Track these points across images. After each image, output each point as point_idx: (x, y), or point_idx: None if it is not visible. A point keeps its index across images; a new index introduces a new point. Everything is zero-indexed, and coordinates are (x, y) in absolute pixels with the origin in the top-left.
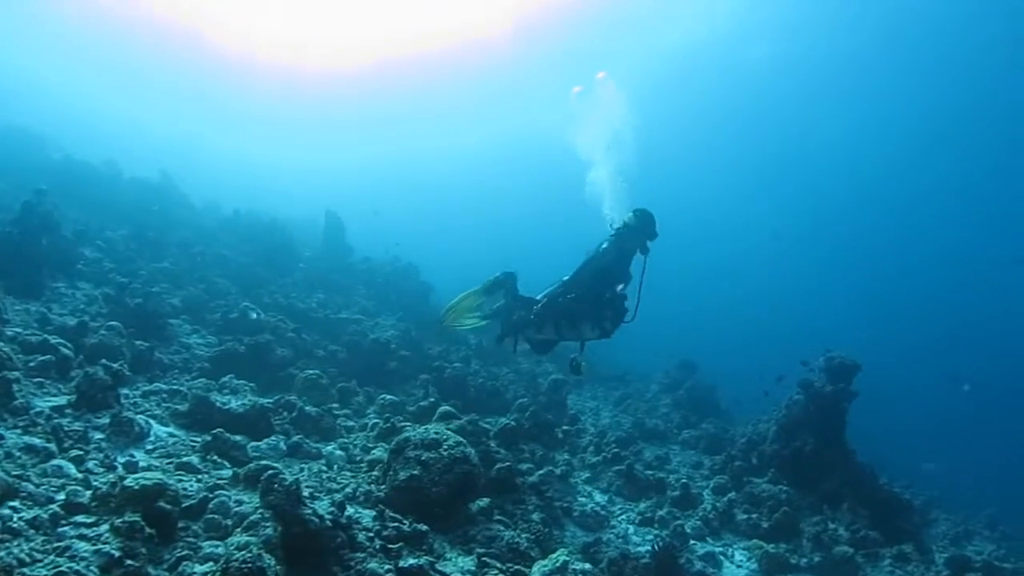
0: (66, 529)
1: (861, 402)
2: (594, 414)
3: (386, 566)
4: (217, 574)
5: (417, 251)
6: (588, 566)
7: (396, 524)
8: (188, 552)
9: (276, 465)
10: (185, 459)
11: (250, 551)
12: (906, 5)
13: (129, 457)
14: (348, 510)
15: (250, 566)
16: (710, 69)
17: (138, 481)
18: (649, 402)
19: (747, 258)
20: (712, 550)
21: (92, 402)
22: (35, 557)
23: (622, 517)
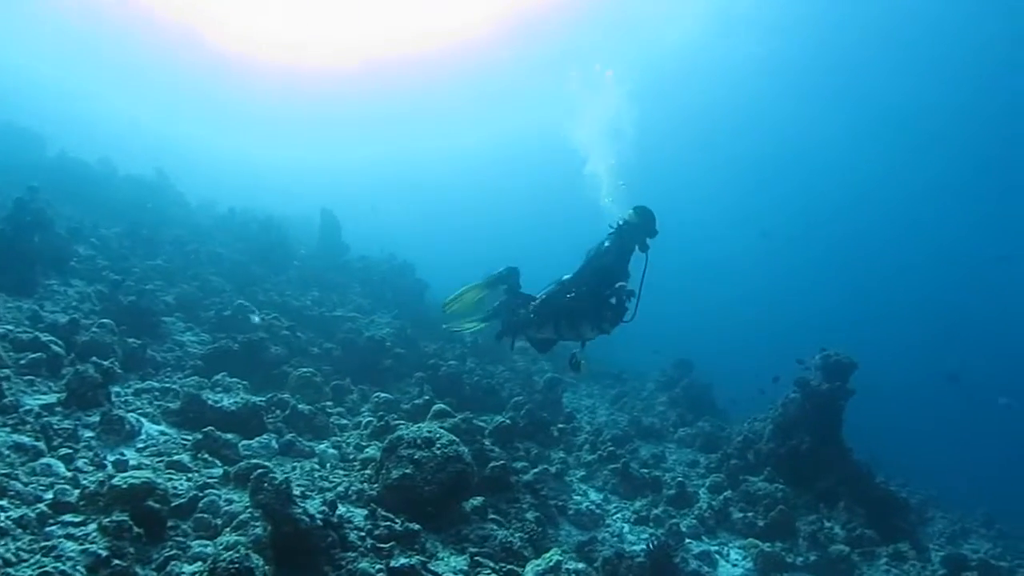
0: (54, 528)
1: (857, 400)
2: (590, 412)
3: (377, 566)
4: (205, 574)
5: (416, 250)
6: (582, 565)
7: (388, 523)
8: (177, 552)
9: (267, 464)
10: (176, 458)
11: (238, 551)
12: (900, 4)
13: (119, 455)
14: (340, 509)
15: (238, 566)
16: (702, 68)
17: (126, 480)
18: (645, 400)
19: (742, 257)
20: (708, 549)
21: (82, 400)
22: (21, 557)
23: (617, 516)
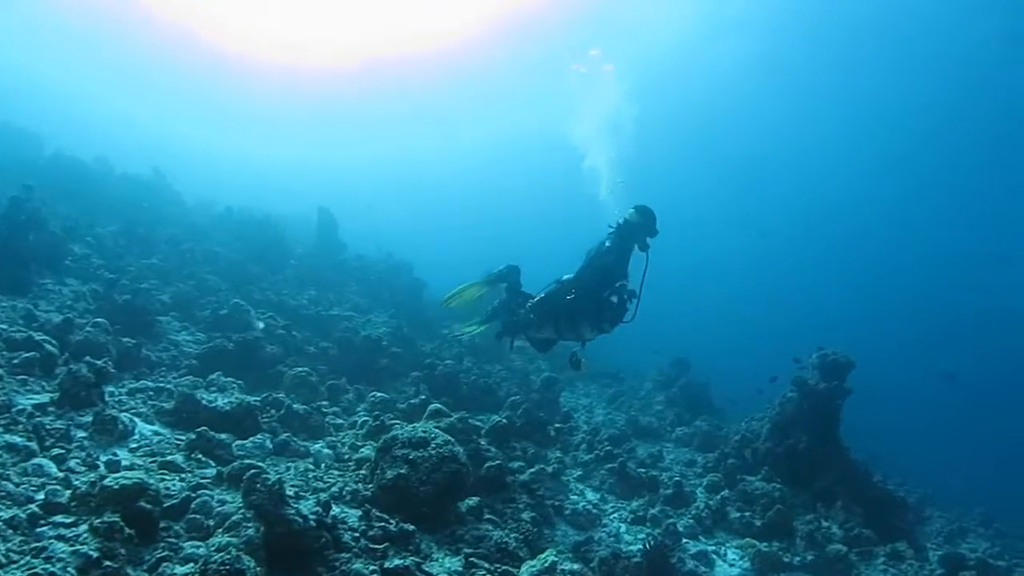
0: (44, 529)
1: (855, 399)
2: (587, 412)
3: (371, 567)
4: None
5: (414, 249)
6: (577, 566)
7: (382, 524)
8: (169, 553)
9: (260, 464)
10: (169, 458)
11: (229, 552)
12: (894, 2)
13: (112, 456)
14: (334, 510)
15: (228, 568)
16: (697, 67)
17: (118, 481)
18: (643, 399)
19: (739, 256)
20: (705, 549)
21: (75, 400)
22: (11, 558)
23: (614, 516)
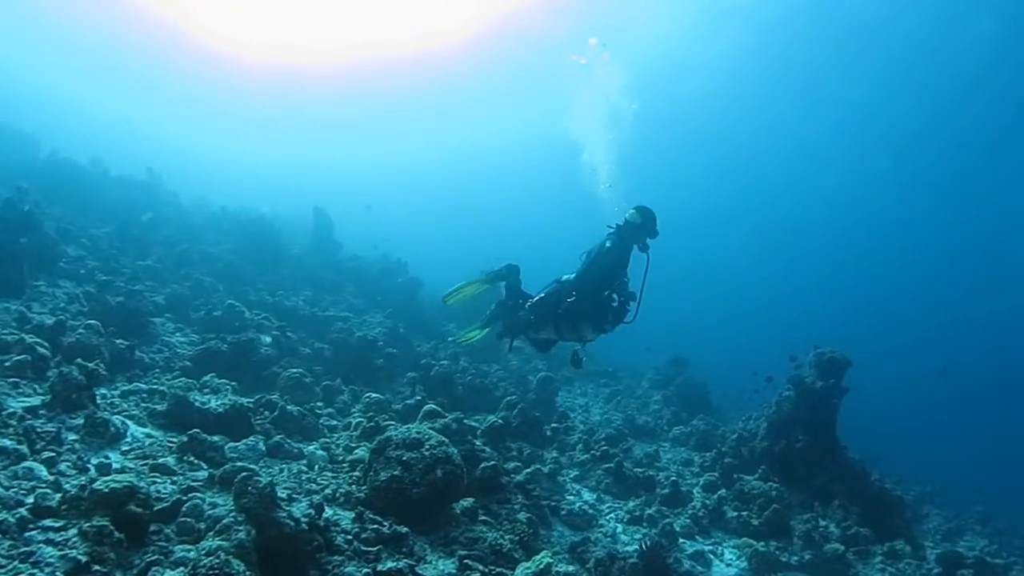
0: (34, 533)
1: (852, 397)
2: (584, 411)
3: (364, 570)
4: None
5: (411, 250)
6: (572, 568)
7: (376, 526)
8: (159, 557)
9: (252, 467)
10: (161, 460)
11: (218, 557)
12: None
13: (103, 459)
14: (327, 512)
15: (218, 572)
16: (691, 63)
17: (108, 484)
18: (640, 399)
19: (736, 254)
20: (701, 548)
21: (66, 403)
22: None
23: (611, 516)
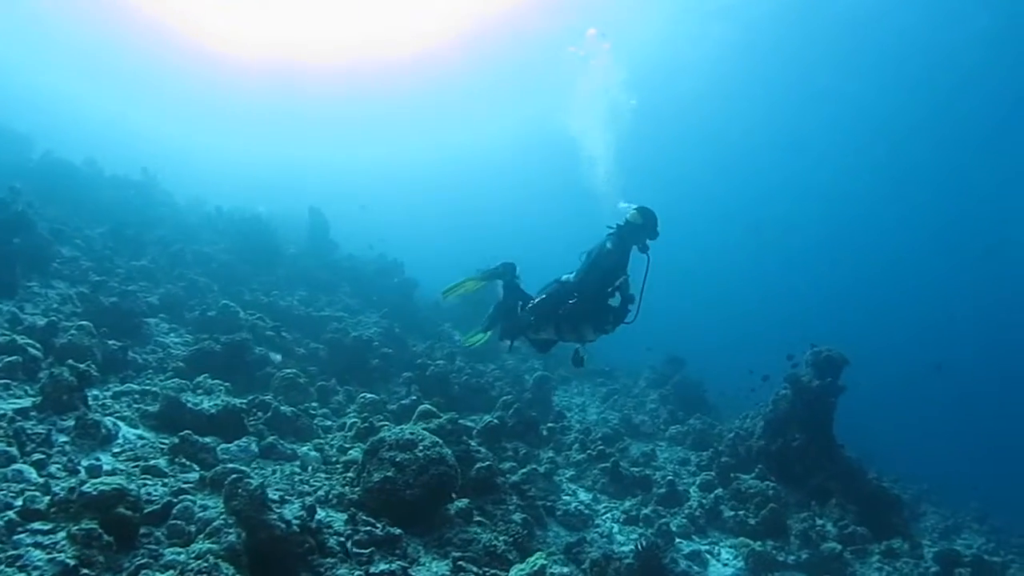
0: (22, 537)
1: (848, 396)
2: (581, 411)
3: (357, 572)
4: None
5: (408, 250)
6: (567, 569)
7: (368, 528)
8: (148, 560)
9: (243, 468)
10: (152, 462)
11: (207, 560)
12: None
13: (94, 461)
14: (319, 514)
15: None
16: (685, 59)
17: (96, 487)
18: (636, 398)
19: (733, 252)
20: (698, 548)
21: (57, 404)
22: None
23: (607, 516)
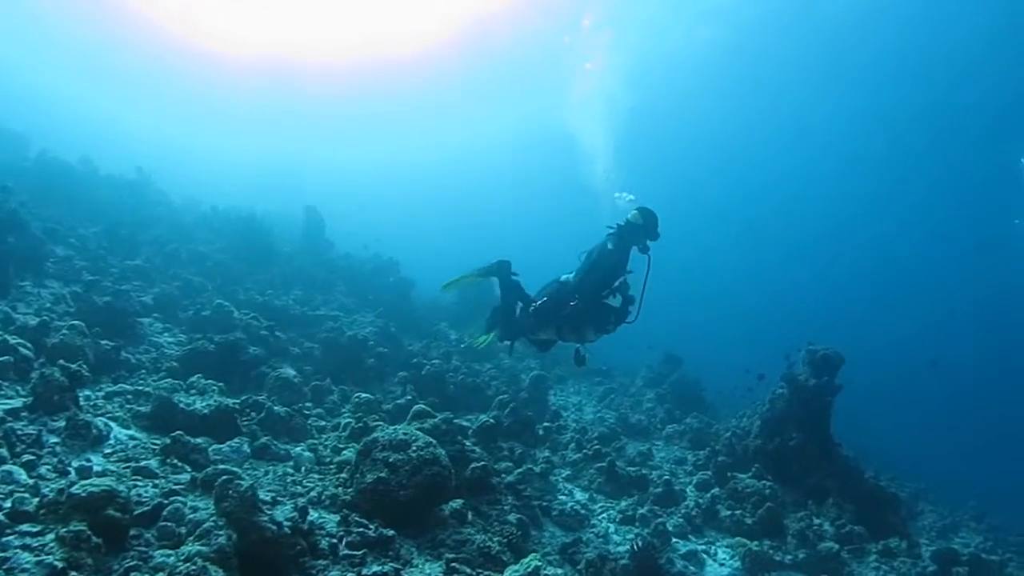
0: (10, 539)
1: (846, 394)
2: (577, 410)
3: (349, 574)
4: None
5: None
6: (562, 570)
7: (361, 529)
8: (138, 562)
9: (235, 469)
10: (143, 463)
11: (195, 563)
12: None
13: (84, 462)
14: (311, 515)
15: None
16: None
17: (86, 488)
18: (633, 397)
19: (728, 249)
20: (694, 548)
21: (48, 405)
22: None
23: (603, 516)
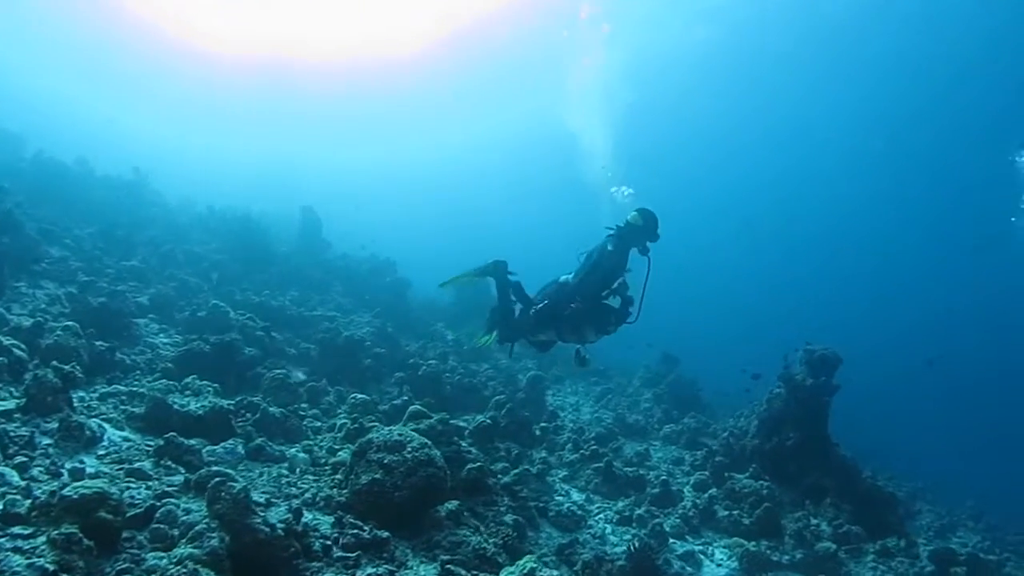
0: (2, 541)
1: (843, 393)
2: (574, 410)
3: None
4: None
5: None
6: (558, 572)
7: (356, 531)
8: (130, 565)
9: (228, 471)
10: (137, 465)
11: (186, 566)
12: None
13: (78, 463)
14: (306, 517)
15: None
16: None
17: (77, 490)
18: (630, 397)
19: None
20: (692, 548)
21: (41, 406)
22: None
23: (600, 516)
